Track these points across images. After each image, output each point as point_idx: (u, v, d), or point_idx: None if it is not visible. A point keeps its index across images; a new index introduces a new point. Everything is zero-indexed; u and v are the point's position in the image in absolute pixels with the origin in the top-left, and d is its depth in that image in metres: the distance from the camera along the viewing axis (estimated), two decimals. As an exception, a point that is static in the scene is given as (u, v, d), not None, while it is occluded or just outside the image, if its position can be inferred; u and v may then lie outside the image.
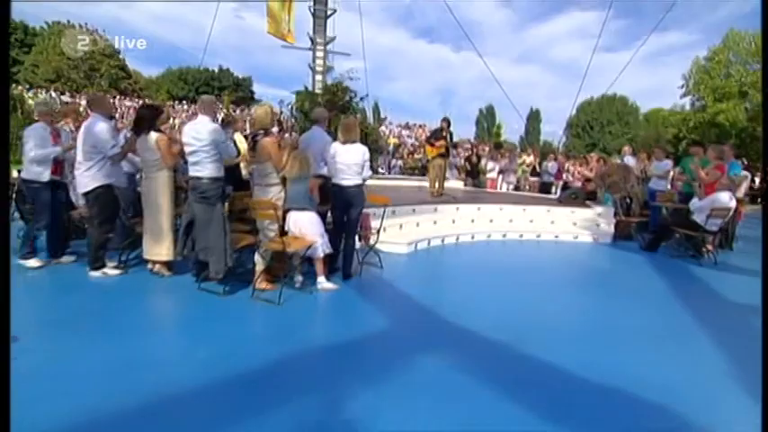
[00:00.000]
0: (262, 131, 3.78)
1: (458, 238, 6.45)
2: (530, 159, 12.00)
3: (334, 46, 15.32)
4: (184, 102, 25.34)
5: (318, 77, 15.03)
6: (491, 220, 7.28)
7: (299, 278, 4.07)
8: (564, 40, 78.58)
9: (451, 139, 8.29)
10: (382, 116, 19.49)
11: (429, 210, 7.09)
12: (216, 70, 36.02)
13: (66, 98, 20.60)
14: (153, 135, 3.97)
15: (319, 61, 15.00)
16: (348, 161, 4.12)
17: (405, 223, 6.35)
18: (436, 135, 8.18)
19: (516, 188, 11.48)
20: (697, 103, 28.03)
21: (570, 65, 74.98)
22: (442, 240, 6.24)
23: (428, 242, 6.04)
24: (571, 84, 76.33)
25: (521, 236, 6.98)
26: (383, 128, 25.22)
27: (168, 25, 55.33)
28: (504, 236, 6.91)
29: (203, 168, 3.71)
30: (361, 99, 13.74)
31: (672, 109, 32.07)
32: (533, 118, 45.87)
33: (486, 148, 19.09)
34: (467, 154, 13.46)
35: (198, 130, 3.69)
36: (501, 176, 11.41)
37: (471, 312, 3.63)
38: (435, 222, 6.79)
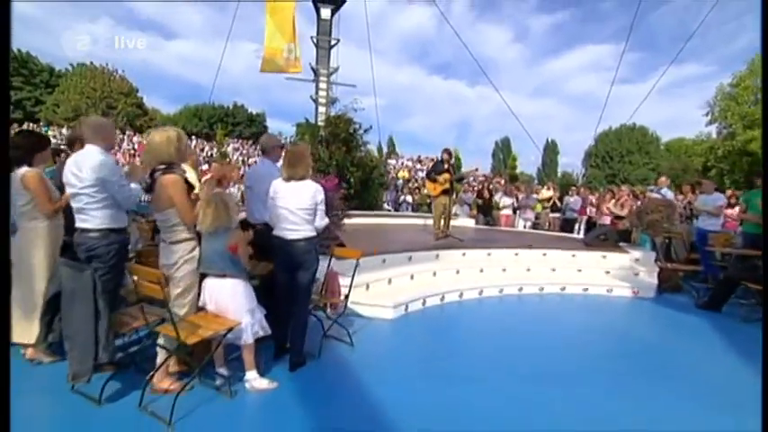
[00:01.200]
0: (161, 167, 2.62)
1: (462, 295, 5.11)
2: (549, 193, 10.76)
3: (337, 77, 14.72)
4: (195, 137, 25.05)
5: (322, 109, 14.30)
6: (504, 269, 5.92)
7: (223, 371, 2.81)
8: (578, 73, 78.29)
9: (455, 171, 7.08)
10: (390, 150, 18.53)
11: (429, 257, 5.82)
12: (230, 107, 36.24)
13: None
14: (21, 171, 2.87)
15: (322, 93, 14.33)
16: (293, 205, 2.93)
17: (396, 276, 5.07)
18: (437, 169, 7.00)
19: (534, 226, 10.26)
20: (724, 131, 26.35)
21: (585, 97, 74.24)
22: (442, 298, 4.92)
23: (423, 302, 4.73)
24: (587, 115, 75.40)
25: (541, 289, 5.59)
26: (392, 161, 24.42)
27: (194, 66, 57.39)
28: (521, 290, 5.53)
29: (88, 217, 2.58)
30: (366, 131, 12.93)
31: (697, 138, 30.33)
32: (550, 150, 44.75)
33: (501, 181, 18.04)
34: (478, 187, 12.23)
35: (79, 165, 2.57)
36: (517, 213, 10.11)
37: (471, 419, 2.29)
38: (435, 274, 5.48)
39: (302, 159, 2.97)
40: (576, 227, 10.01)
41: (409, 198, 12.63)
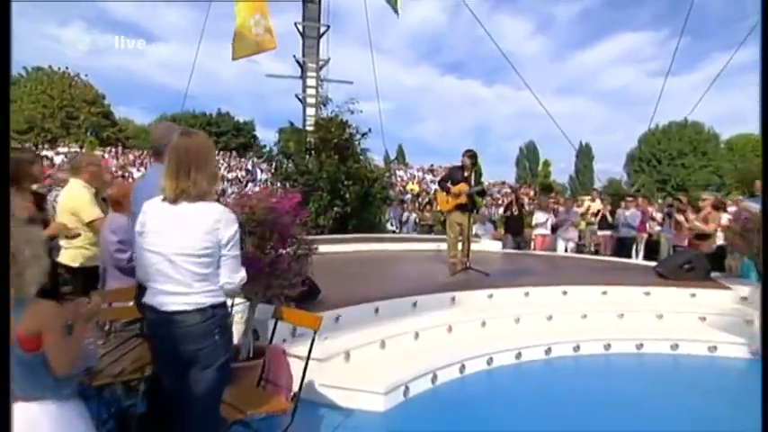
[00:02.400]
0: None
1: (491, 362, 3.90)
2: (596, 205, 9.61)
3: (328, 72, 13.78)
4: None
5: (311, 111, 13.34)
6: (549, 317, 4.70)
7: None
8: (612, 65, 77.44)
9: (478, 181, 5.99)
10: (393, 159, 17.53)
11: (441, 302, 4.69)
12: (213, 114, 35.83)
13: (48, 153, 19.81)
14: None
15: (311, 90, 13.38)
16: (173, 248, 1.78)
17: (393, 336, 3.90)
18: (453, 177, 5.94)
19: (579, 249, 9.29)
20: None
21: (621, 93, 73.23)
22: (461, 369, 3.72)
23: (432, 377, 3.53)
24: (624, 114, 74.36)
25: (607, 347, 4.34)
26: (400, 172, 23.36)
27: (177, 73, 57.47)
28: (577, 349, 4.29)
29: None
30: (364, 135, 11.97)
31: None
32: (584, 154, 43.61)
33: (530, 193, 16.93)
34: (506, 200, 11.15)
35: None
36: (556, 232, 9.10)
37: None
38: (450, 329, 4.29)
39: (198, 160, 1.85)
40: (635, 248, 8.80)
41: (415, 216, 11.48)
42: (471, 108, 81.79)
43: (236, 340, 3.07)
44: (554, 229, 9.24)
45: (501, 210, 10.62)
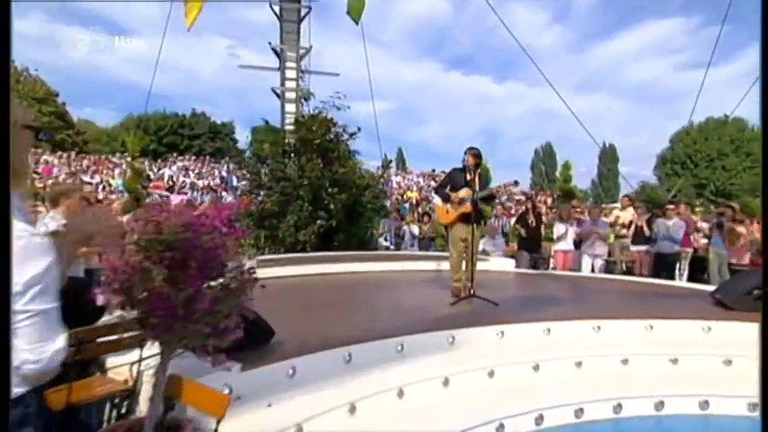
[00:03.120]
0: None
1: (501, 429, 3.18)
2: (627, 214, 9.20)
3: (310, 62, 13.28)
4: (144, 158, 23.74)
5: (290, 108, 12.84)
6: (579, 364, 3.99)
7: None
8: (637, 57, 77.43)
9: (485, 185, 5.47)
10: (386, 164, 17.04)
11: (437, 343, 4.06)
12: (186, 115, 35.44)
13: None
14: None
15: (290, 83, 12.87)
16: None
17: (367, 397, 3.19)
18: (454, 181, 5.46)
19: (609, 268, 8.83)
20: None
21: (648, 87, 73.05)
22: (461, 444, 3.00)
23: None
24: (652, 111, 74.16)
25: (658, 406, 3.62)
26: (398, 179, 22.79)
27: (149, 71, 57.23)
28: (619, 409, 3.57)
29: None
30: (352, 135, 11.54)
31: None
32: (608, 157, 43.22)
33: (548, 200, 16.32)
34: (520, 209, 10.56)
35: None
36: (580, 247, 8.73)
37: None
38: (447, 382, 3.58)
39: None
40: (678, 267, 8.16)
41: (415, 229, 10.86)
42: (480, 107, 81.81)
43: (142, 410, 2.51)
44: (577, 243, 8.75)
45: (513, 220, 9.94)
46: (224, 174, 18.48)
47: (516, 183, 5.70)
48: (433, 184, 20.09)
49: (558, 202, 13.87)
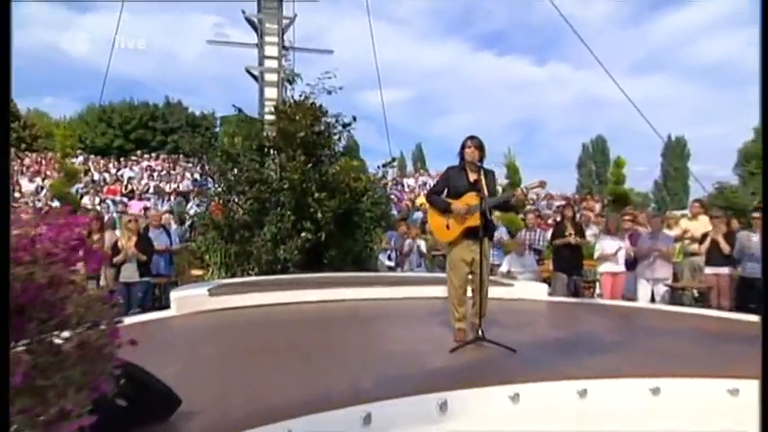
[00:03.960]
0: None
1: None
2: (699, 225, 9.18)
3: (294, 36, 12.92)
4: (105, 158, 23.68)
5: (271, 93, 12.47)
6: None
7: None
8: (710, 31, 76.12)
9: (494, 188, 5.12)
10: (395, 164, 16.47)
11: (421, 412, 3.51)
12: (159, 105, 35.75)
13: None
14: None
15: (270, 63, 12.51)
16: None
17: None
18: (454, 183, 5.12)
19: (675, 297, 8.66)
20: None
21: (722, 68, 71.84)
22: None
23: None
24: (728, 96, 72.95)
25: None
26: (409, 181, 22.40)
27: (120, 53, 57.92)
28: None
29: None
30: (346, 127, 11.45)
31: None
32: (673, 153, 42.51)
33: (596, 207, 15.83)
34: (557, 217, 10.14)
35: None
36: (635, 268, 8.54)
37: None
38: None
39: None
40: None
41: (423, 244, 10.50)
42: (515, 95, 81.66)
43: None
44: (632, 263, 8.45)
45: (549, 233, 9.64)
46: (197, 176, 18.25)
47: (542, 183, 5.20)
48: None
49: (607, 210, 13.39)
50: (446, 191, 5.02)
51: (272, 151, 10.88)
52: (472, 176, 4.82)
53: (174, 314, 6.44)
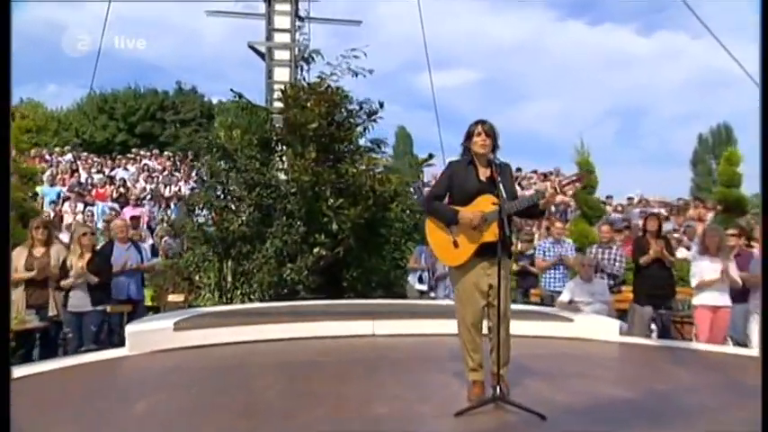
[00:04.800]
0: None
1: None
2: None
3: (309, 4, 12.87)
4: (103, 157, 24.23)
5: (281, 74, 12.42)
6: None
7: None
8: None
9: (512, 188, 4.77)
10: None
11: None
12: (170, 92, 36.51)
13: None
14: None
15: (281, 37, 12.49)
16: None
17: None
18: (461, 183, 4.71)
19: None
20: None
21: None
22: None
23: None
24: None
25: None
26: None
27: (134, 31, 60.01)
28: None
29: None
30: (371, 116, 11.36)
31: None
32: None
33: (708, 215, 15.20)
34: (641, 228, 9.58)
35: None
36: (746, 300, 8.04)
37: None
38: None
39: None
40: None
41: None
42: (614, 73, 79.22)
43: None
44: (738, 293, 7.84)
45: (631, 250, 9.21)
46: (204, 176, 18.53)
47: (581, 176, 4.93)
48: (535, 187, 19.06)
49: (711, 220, 12.59)
50: (448, 194, 4.67)
51: (278, 147, 10.88)
52: (484, 174, 4.47)
53: (126, 354, 6.32)
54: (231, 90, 11.34)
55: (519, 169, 22.79)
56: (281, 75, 12.41)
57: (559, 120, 77.43)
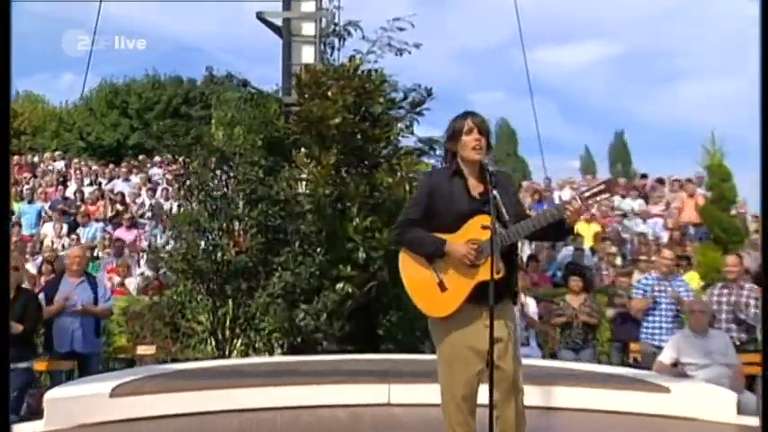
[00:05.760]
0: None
1: None
2: None
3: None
4: (104, 164, 24.83)
5: (306, 54, 12.24)
6: None
7: None
8: None
9: (509, 206, 4.35)
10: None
11: None
12: (198, 81, 37.19)
13: None
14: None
15: (307, 5, 12.31)
16: None
17: None
18: (446, 200, 4.40)
19: None
20: None
21: None
22: None
23: None
24: None
25: None
26: (563, 193, 21.75)
27: (183, 21, 62.65)
28: None
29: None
30: (416, 108, 11.30)
31: None
32: None
33: None
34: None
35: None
36: None
37: None
38: None
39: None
40: None
41: (532, 305, 10.47)
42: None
43: None
44: None
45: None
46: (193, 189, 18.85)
47: (610, 186, 4.50)
48: (633, 204, 18.78)
49: None
50: (433, 218, 4.17)
51: (290, 151, 10.66)
52: (476, 188, 4.01)
53: (41, 430, 6.14)
54: (229, 73, 11.20)
55: (644, 175, 22.28)
56: (306, 55, 12.28)
57: (719, 106, 75.69)
